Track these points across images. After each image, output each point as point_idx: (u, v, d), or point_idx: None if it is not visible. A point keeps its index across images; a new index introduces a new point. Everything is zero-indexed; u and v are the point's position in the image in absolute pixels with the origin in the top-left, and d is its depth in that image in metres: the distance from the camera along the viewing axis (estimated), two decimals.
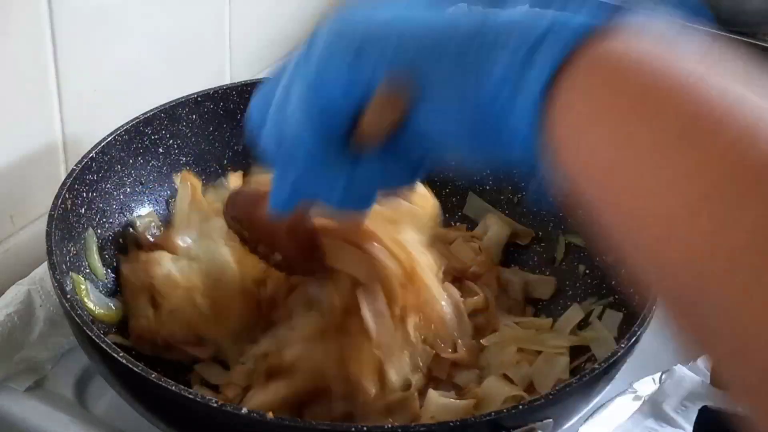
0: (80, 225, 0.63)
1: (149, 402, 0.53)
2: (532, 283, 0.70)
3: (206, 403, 0.48)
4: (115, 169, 0.67)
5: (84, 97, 0.72)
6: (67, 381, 0.64)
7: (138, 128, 0.69)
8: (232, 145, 0.76)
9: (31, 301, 0.64)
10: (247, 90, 0.75)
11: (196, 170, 0.74)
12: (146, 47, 0.77)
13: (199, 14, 0.83)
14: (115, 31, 0.73)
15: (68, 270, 0.60)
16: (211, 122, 0.74)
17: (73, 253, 0.62)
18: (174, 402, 0.49)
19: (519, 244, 0.73)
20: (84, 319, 0.53)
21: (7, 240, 0.70)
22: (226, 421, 0.48)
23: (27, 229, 0.71)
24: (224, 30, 0.87)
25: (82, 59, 0.70)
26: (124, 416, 0.58)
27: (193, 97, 0.72)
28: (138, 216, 0.69)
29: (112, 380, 0.54)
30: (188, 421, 0.51)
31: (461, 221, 0.76)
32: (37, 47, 0.66)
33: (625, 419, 0.63)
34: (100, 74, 0.73)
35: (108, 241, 0.67)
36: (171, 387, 0.48)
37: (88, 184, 0.64)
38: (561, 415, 0.52)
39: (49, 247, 0.57)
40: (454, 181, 0.78)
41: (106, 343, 0.51)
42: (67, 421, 0.60)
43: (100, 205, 0.66)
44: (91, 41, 0.71)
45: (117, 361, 0.50)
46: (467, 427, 0.49)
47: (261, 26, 0.93)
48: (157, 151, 0.71)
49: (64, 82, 0.69)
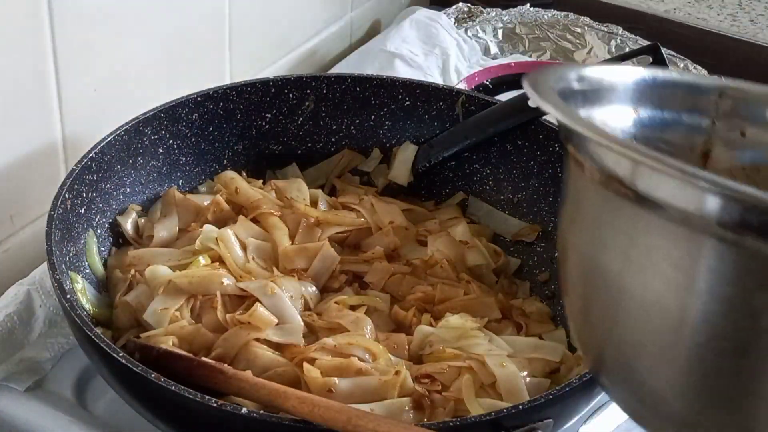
0: (80, 225, 0.63)
1: (149, 402, 0.53)
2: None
3: (206, 403, 0.48)
4: (115, 169, 0.67)
5: (84, 97, 0.72)
6: (67, 381, 0.64)
7: (138, 128, 0.69)
8: (232, 145, 0.76)
9: (31, 301, 0.64)
10: (247, 90, 0.75)
11: (196, 170, 0.74)
12: (146, 47, 0.77)
13: (199, 14, 0.83)
14: (115, 31, 0.73)
15: (68, 270, 0.60)
16: (211, 122, 0.74)
17: (73, 253, 0.62)
18: (174, 402, 0.49)
19: (523, 241, 0.74)
20: (84, 319, 0.53)
21: (7, 240, 0.70)
22: (225, 421, 0.48)
23: (27, 229, 0.71)
24: (224, 30, 0.87)
25: (82, 59, 0.70)
26: (124, 416, 0.58)
27: (193, 97, 0.72)
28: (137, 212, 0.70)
29: (112, 380, 0.54)
30: (188, 421, 0.51)
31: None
32: (37, 47, 0.66)
33: (625, 419, 0.63)
34: (100, 74, 0.73)
35: (108, 241, 0.67)
36: (171, 387, 0.48)
37: (88, 184, 0.64)
38: (561, 415, 0.52)
39: (49, 247, 0.57)
40: (454, 181, 0.78)
41: (106, 343, 0.51)
42: (67, 421, 0.60)
43: (100, 205, 0.66)
44: (91, 41, 0.71)
45: (117, 361, 0.50)
46: (467, 427, 0.49)
47: (261, 26, 0.93)
48: (157, 151, 0.71)
49: (64, 82, 0.69)
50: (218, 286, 0.61)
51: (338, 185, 0.78)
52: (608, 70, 0.45)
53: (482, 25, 1.12)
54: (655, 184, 0.33)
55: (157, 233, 0.68)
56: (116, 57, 0.74)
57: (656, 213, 0.33)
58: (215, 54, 0.87)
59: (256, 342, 0.58)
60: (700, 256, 0.32)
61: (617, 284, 0.36)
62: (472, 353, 0.59)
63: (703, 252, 0.32)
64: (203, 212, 0.70)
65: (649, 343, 0.36)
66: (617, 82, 0.45)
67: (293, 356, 0.58)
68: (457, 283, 0.67)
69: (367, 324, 0.61)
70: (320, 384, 0.55)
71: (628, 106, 0.45)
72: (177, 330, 0.59)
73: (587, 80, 0.43)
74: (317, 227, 0.69)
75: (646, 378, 0.37)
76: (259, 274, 0.64)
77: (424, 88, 0.78)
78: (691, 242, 0.32)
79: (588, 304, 0.39)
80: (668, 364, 0.35)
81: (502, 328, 0.64)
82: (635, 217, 0.34)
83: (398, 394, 0.55)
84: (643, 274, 0.34)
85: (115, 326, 0.62)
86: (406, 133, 0.78)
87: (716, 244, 0.31)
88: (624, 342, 0.37)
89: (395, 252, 0.70)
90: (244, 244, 0.66)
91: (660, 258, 0.33)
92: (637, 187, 0.33)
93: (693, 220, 0.31)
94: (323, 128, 0.78)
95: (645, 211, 0.33)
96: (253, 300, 0.61)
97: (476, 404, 0.55)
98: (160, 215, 0.70)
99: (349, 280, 0.67)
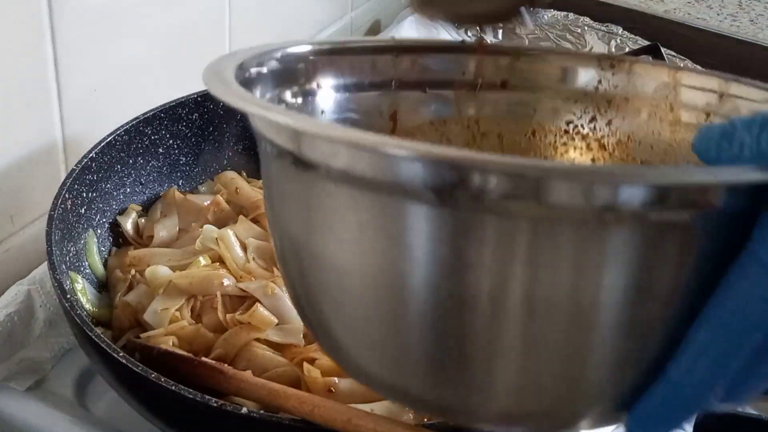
0: (80, 225, 0.63)
1: (149, 402, 0.53)
2: None
3: (206, 402, 0.48)
4: (115, 169, 0.67)
5: (84, 97, 0.72)
6: (67, 381, 0.64)
7: (138, 128, 0.69)
8: (232, 145, 0.76)
9: (31, 301, 0.64)
10: None
11: (196, 170, 0.74)
12: (146, 47, 0.77)
13: (198, 14, 0.83)
14: (115, 30, 0.73)
15: (68, 270, 0.60)
16: (211, 122, 0.74)
17: (73, 253, 0.62)
18: (174, 402, 0.49)
19: None
20: (84, 319, 0.53)
21: (7, 240, 0.70)
22: (226, 421, 0.48)
23: (27, 229, 0.71)
24: (224, 30, 0.87)
25: (82, 59, 0.70)
26: (124, 416, 0.58)
27: (193, 97, 0.72)
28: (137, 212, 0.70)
29: (112, 380, 0.54)
30: (188, 421, 0.51)
31: None
32: (37, 47, 0.66)
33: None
34: (100, 74, 0.73)
35: (108, 241, 0.67)
36: (171, 387, 0.48)
37: (88, 184, 0.64)
38: None
39: (49, 247, 0.57)
40: None
41: (106, 343, 0.51)
42: (67, 421, 0.60)
43: (100, 205, 0.66)
44: (91, 41, 0.71)
45: (117, 361, 0.50)
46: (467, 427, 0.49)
47: (261, 26, 0.93)
48: (157, 151, 0.71)
49: (64, 82, 0.69)
50: (218, 287, 0.61)
51: None
52: (292, 48, 0.46)
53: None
54: (323, 153, 0.33)
55: (157, 233, 0.68)
56: (116, 57, 0.74)
57: (352, 186, 0.33)
58: (215, 54, 0.87)
59: (256, 342, 0.58)
60: (405, 222, 0.32)
61: (329, 263, 0.36)
62: None
63: (408, 218, 0.32)
64: (203, 212, 0.70)
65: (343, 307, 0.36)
66: (300, 58, 0.46)
67: (293, 356, 0.58)
68: None
69: None
70: (320, 384, 0.55)
71: (313, 81, 0.46)
72: (177, 330, 0.59)
73: (277, 61, 0.44)
74: None
75: (380, 354, 0.37)
76: (259, 275, 0.64)
77: None
78: (392, 209, 0.32)
79: (307, 285, 0.39)
80: (396, 334, 0.35)
81: None
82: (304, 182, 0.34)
83: None
84: (349, 246, 0.34)
85: (115, 326, 0.62)
86: None
87: (419, 208, 0.31)
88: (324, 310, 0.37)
89: None
90: (245, 244, 0.66)
91: (361, 228, 0.33)
92: (304, 155, 0.34)
93: (392, 187, 0.31)
94: None
95: (335, 184, 0.33)
96: (253, 300, 0.61)
97: None
98: (161, 215, 0.70)
99: None
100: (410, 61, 0.49)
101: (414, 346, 0.35)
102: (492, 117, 0.52)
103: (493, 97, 0.51)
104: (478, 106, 0.51)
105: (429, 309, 0.33)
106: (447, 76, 0.51)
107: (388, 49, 0.49)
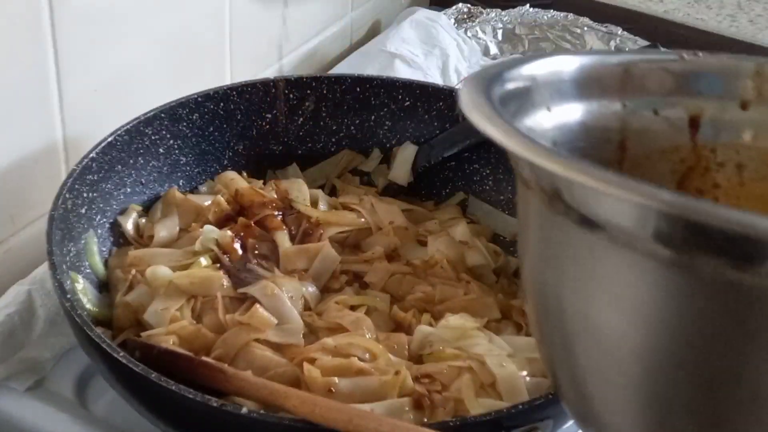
0: (81, 225, 0.63)
1: (149, 402, 0.53)
2: None
3: (206, 403, 0.48)
4: (116, 169, 0.67)
5: (84, 97, 0.72)
6: (67, 381, 0.64)
7: (138, 128, 0.69)
8: (232, 145, 0.76)
9: (32, 301, 0.64)
10: (247, 90, 0.75)
11: (196, 170, 0.74)
12: (146, 47, 0.77)
13: (199, 14, 0.83)
14: (116, 31, 0.73)
15: (68, 270, 0.60)
16: (212, 122, 0.74)
17: (74, 253, 0.62)
18: (174, 402, 0.49)
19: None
20: (84, 319, 0.53)
21: (8, 240, 0.70)
22: (226, 421, 0.48)
23: (27, 229, 0.71)
24: (224, 30, 0.87)
25: (83, 59, 0.70)
26: (124, 416, 0.58)
27: (194, 98, 0.72)
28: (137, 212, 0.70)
29: (112, 380, 0.54)
30: (188, 421, 0.51)
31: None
32: (37, 47, 0.66)
33: None
34: (101, 74, 0.73)
35: (108, 241, 0.67)
36: (171, 387, 0.48)
37: (88, 184, 0.64)
38: (561, 415, 0.52)
39: (50, 247, 0.57)
40: (454, 181, 0.78)
41: (106, 343, 0.51)
42: (67, 421, 0.60)
43: (101, 205, 0.66)
44: (92, 41, 0.71)
45: (117, 361, 0.50)
46: (467, 427, 0.49)
47: (261, 26, 0.93)
48: (158, 151, 0.71)
49: (64, 82, 0.69)
50: (219, 288, 0.61)
51: (338, 185, 0.78)
52: (537, 64, 0.39)
53: (482, 26, 1.12)
54: (581, 198, 0.29)
55: (157, 233, 0.68)
56: (117, 57, 0.74)
57: (598, 234, 0.29)
58: (216, 54, 0.87)
59: (257, 342, 0.58)
60: (645, 282, 0.28)
61: (572, 313, 0.32)
62: (472, 353, 0.59)
63: (649, 277, 0.28)
64: (204, 212, 0.70)
65: (605, 374, 0.32)
66: (538, 76, 0.39)
67: (293, 356, 0.58)
68: (457, 283, 0.67)
69: (367, 324, 0.61)
70: (321, 384, 0.55)
71: (543, 105, 0.39)
72: (178, 330, 0.59)
73: (522, 78, 0.38)
74: (318, 227, 0.69)
75: (601, 411, 0.34)
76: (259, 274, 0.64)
77: (424, 88, 0.78)
78: (637, 266, 0.28)
79: (549, 332, 0.36)
80: (623, 398, 0.32)
81: (502, 328, 0.64)
82: (580, 240, 0.30)
83: (398, 394, 0.55)
84: (594, 301, 0.31)
85: (116, 326, 0.62)
86: (406, 133, 0.78)
87: (659, 266, 0.28)
88: (580, 371, 0.34)
89: (395, 252, 0.70)
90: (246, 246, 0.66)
91: (607, 286, 0.30)
92: (572, 204, 0.29)
93: (632, 240, 0.28)
94: (323, 128, 0.78)
95: (587, 232, 0.29)
96: (253, 301, 0.61)
97: (476, 404, 0.55)
98: (161, 215, 0.70)
99: (349, 281, 0.67)
100: (641, 76, 0.41)
101: (636, 414, 0.32)
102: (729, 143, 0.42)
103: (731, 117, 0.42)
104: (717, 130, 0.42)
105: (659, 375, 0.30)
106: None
107: (615, 65, 0.41)
